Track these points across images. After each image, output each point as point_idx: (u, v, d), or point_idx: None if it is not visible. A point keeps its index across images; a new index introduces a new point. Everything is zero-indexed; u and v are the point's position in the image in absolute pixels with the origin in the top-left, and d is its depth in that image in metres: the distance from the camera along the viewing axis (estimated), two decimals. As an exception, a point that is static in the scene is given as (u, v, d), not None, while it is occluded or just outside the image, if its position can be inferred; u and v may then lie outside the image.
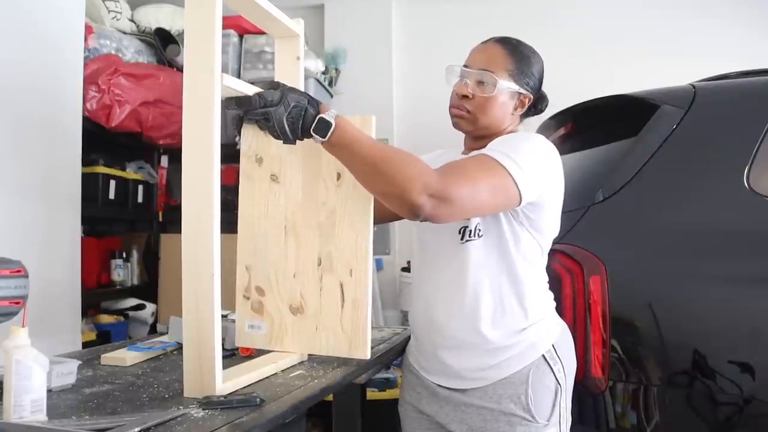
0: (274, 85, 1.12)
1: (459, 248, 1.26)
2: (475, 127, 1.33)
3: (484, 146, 1.32)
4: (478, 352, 1.27)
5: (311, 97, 1.12)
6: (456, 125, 1.35)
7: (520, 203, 1.19)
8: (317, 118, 1.09)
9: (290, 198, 1.33)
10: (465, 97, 1.31)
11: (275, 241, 1.34)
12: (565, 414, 1.27)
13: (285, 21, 1.33)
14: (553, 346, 1.27)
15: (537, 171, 1.19)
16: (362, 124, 1.28)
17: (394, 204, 1.12)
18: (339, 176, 1.29)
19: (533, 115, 1.41)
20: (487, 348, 1.26)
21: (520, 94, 1.32)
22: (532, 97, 1.34)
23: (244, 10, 1.26)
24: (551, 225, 1.30)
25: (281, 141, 1.12)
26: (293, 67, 1.39)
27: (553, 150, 1.26)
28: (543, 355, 1.26)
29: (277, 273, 1.34)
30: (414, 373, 1.40)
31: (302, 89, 1.35)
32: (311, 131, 1.09)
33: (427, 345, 1.35)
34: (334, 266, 1.29)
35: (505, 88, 1.30)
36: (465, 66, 1.32)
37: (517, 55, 1.32)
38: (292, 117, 1.08)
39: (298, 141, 1.13)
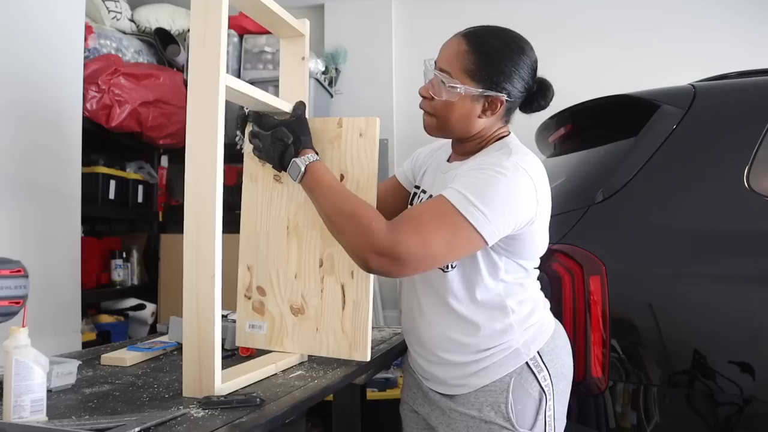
0: (299, 111, 1.24)
1: (440, 276, 1.22)
2: (440, 131, 1.24)
3: (469, 152, 1.26)
4: (460, 365, 1.24)
5: (300, 139, 1.20)
6: (424, 127, 1.26)
7: (487, 245, 1.11)
8: (291, 161, 1.19)
9: (293, 199, 1.33)
10: (425, 97, 1.22)
11: (277, 241, 1.34)
12: (552, 422, 1.23)
13: (291, 21, 1.33)
14: (538, 353, 1.23)
15: (505, 210, 1.09)
16: (366, 126, 1.28)
17: (351, 258, 1.13)
18: (342, 177, 1.29)
19: (534, 110, 1.26)
20: (468, 360, 1.23)
21: (488, 96, 1.18)
22: (504, 99, 1.18)
23: (250, 10, 1.27)
24: (535, 248, 1.23)
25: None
26: (298, 67, 1.39)
27: (529, 177, 1.12)
28: (527, 363, 1.21)
29: (278, 273, 1.34)
30: (411, 375, 1.40)
31: (307, 89, 1.36)
32: (287, 170, 1.20)
33: (413, 354, 1.35)
34: (335, 268, 1.29)
35: (461, 92, 1.17)
36: (434, 60, 1.22)
37: (482, 51, 1.17)
38: (278, 149, 1.20)
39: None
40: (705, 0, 3.31)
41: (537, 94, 1.23)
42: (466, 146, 1.27)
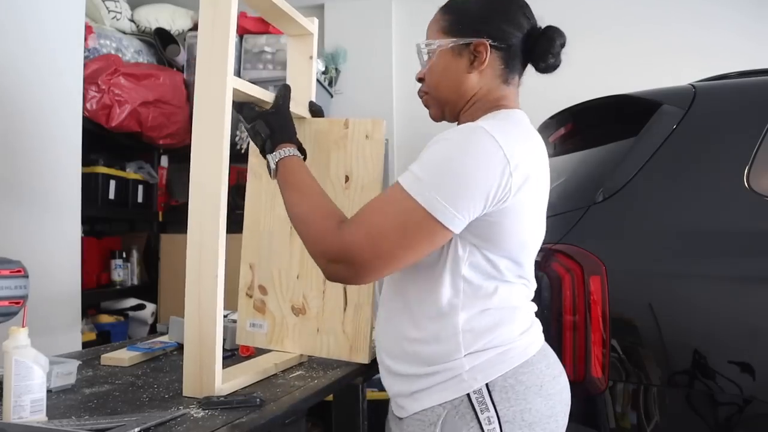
0: (280, 101, 1.17)
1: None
2: (440, 108, 1.12)
3: None
4: (403, 378, 1.05)
5: (276, 133, 1.13)
6: (430, 116, 1.16)
7: (451, 232, 0.94)
8: (266, 157, 1.13)
9: None
10: (422, 80, 1.13)
11: (280, 240, 1.34)
12: None
13: (299, 19, 1.33)
14: (486, 385, 0.98)
15: (462, 183, 0.91)
16: (373, 128, 1.28)
17: None
18: (347, 178, 1.29)
19: (547, 66, 1.11)
20: (411, 373, 1.03)
21: (467, 45, 1.05)
22: (487, 42, 1.04)
23: (260, 9, 1.27)
24: (509, 237, 0.99)
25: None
26: (306, 66, 1.40)
27: (493, 140, 0.93)
28: (468, 395, 0.98)
29: (280, 272, 1.34)
30: None
31: (314, 88, 1.36)
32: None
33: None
34: (336, 268, 1.29)
35: (438, 47, 1.07)
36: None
37: (451, 7, 1.09)
38: (257, 143, 1.15)
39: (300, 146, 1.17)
40: (706, 0, 3.31)
41: (540, 39, 1.09)
42: (466, 119, 1.08)
